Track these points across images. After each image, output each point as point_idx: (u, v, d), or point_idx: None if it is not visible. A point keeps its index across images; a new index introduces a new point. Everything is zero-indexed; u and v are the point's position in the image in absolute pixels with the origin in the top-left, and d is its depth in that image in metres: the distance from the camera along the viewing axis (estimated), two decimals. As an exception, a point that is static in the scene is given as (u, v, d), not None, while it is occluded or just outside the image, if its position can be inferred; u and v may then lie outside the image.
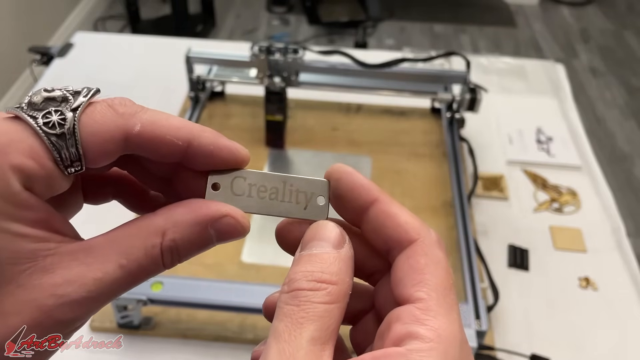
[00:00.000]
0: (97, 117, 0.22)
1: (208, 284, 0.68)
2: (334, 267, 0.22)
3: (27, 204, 0.20)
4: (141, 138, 0.22)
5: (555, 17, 3.06)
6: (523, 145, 1.00)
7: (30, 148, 0.20)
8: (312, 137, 1.00)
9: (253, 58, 0.90)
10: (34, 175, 0.20)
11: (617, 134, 2.26)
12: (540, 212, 0.89)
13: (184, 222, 0.23)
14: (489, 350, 0.68)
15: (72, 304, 0.21)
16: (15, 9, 2.15)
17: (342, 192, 0.24)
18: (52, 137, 0.21)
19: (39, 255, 0.20)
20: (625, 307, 0.76)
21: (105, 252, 0.22)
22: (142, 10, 2.76)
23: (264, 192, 0.25)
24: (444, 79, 0.97)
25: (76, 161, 0.21)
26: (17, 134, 0.20)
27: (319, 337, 0.20)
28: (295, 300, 0.21)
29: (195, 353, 0.68)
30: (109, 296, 0.22)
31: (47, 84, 1.10)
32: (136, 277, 0.22)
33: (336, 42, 2.72)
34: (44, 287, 0.20)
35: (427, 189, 0.90)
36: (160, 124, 0.22)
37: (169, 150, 0.23)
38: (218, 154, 0.24)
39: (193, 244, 0.23)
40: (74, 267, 0.21)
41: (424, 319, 0.20)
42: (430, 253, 0.23)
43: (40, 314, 0.20)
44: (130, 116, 0.22)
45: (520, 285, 0.78)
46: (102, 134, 0.21)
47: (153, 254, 0.22)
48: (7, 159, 0.20)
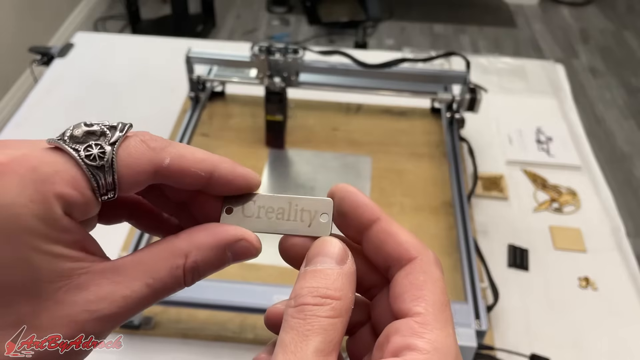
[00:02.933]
0: (132, 151, 0.24)
1: (208, 284, 0.68)
2: (338, 282, 0.23)
3: (67, 228, 0.22)
4: (169, 171, 0.24)
5: (555, 17, 3.06)
6: (523, 145, 1.00)
7: (72, 178, 0.22)
8: (312, 137, 1.00)
9: (253, 58, 0.90)
10: (74, 203, 0.22)
11: (616, 134, 2.26)
12: (540, 212, 0.89)
13: (205, 245, 0.25)
14: (488, 350, 0.68)
15: (102, 319, 0.22)
16: (15, 9, 2.15)
17: (345, 210, 0.26)
18: (92, 169, 0.23)
19: (74, 274, 0.22)
20: (625, 307, 0.77)
21: (132, 272, 0.23)
22: (142, 10, 2.76)
23: (271, 213, 0.27)
24: (444, 79, 0.97)
25: (111, 190, 0.23)
26: (61, 165, 0.22)
27: (323, 349, 0.21)
28: (302, 314, 0.22)
29: (195, 353, 0.68)
30: (134, 312, 0.23)
31: (47, 84, 1.10)
32: (160, 295, 0.24)
33: (336, 42, 2.72)
34: (78, 303, 0.22)
35: (427, 189, 0.91)
36: (187, 158, 0.25)
37: (193, 180, 0.25)
38: (235, 182, 0.26)
39: (212, 265, 0.25)
40: (105, 285, 0.23)
41: (421, 332, 0.22)
42: (428, 271, 0.24)
43: (73, 328, 0.22)
44: (161, 150, 0.24)
45: (520, 285, 0.78)
46: (135, 166, 0.23)
47: (177, 274, 0.24)
48: (53, 187, 0.21)
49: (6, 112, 2.10)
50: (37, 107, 1.05)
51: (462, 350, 0.59)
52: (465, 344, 0.62)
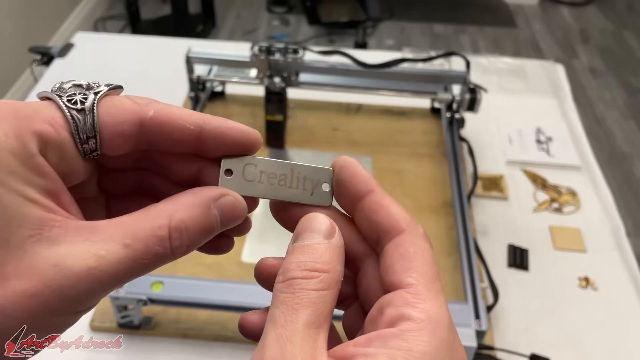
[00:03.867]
0: (116, 101, 0.24)
1: (208, 284, 0.68)
2: (326, 256, 0.23)
3: (41, 171, 0.21)
4: (154, 122, 0.24)
5: (555, 17, 3.06)
6: (523, 145, 1.00)
7: (51, 117, 0.22)
8: (312, 137, 1.00)
9: (253, 58, 0.90)
10: (49, 141, 0.22)
11: (616, 134, 2.26)
12: (540, 212, 0.89)
13: (190, 203, 0.24)
14: (488, 350, 0.68)
15: (71, 277, 0.20)
16: (15, 9, 2.15)
17: (343, 179, 0.26)
18: (72, 111, 0.22)
19: (45, 225, 0.21)
20: (625, 307, 0.77)
21: (110, 232, 0.22)
22: (142, 10, 2.76)
23: (273, 179, 0.26)
24: (443, 79, 0.97)
25: (91, 138, 0.23)
26: (42, 106, 0.22)
27: (313, 322, 0.21)
28: (290, 288, 0.22)
29: (195, 353, 0.68)
30: (112, 277, 0.21)
31: (47, 84, 1.10)
32: (141, 259, 0.22)
33: (336, 42, 2.72)
34: (47, 256, 0.20)
35: (427, 189, 0.91)
36: (173, 111, 0.24)
37: (182, 134, 0.24)
38: (229, 133, 0.25)
39: (200, 225, 0.24)
40: (78, 242, 0.21)
41: (414, 303, 0.22)
42: (418, 243, 0.24)
43: (40, 282, 0.20)
44: (145, 105, 0.24)
45: (520, 285, 0.78)
46: (118, 115, 0.23)
47: (160, 234, 0.22)
48: (29, 124, 0.21)
49: (6, 112, 2.10)
50: (37, 107, 1.05)
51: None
52: (465, 344, 0.62)
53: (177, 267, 0.74)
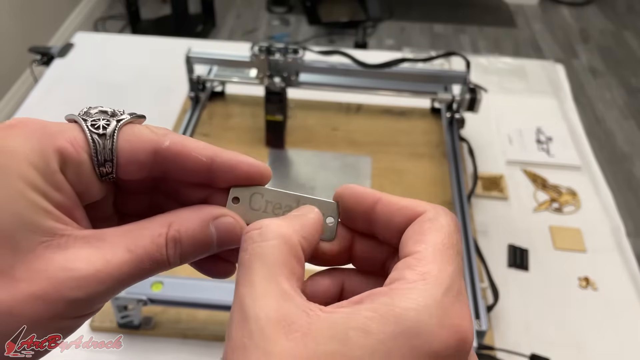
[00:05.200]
0: (135, 130, 0.25)
1: (208, 284, 0.68)
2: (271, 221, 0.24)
3: (59, 186, 0.23)
4: (169, 152, 0.25)
5: (555, 17, 3.06)
6: (523, 145, 1.00)
7: (73, 138, 0.24)
8: (312, 137, 1.00)
9: (253, 58, 0.90)
10: (69, 159, 0.23)
11: (616, 134, 2.26)
12: (540, 212, 0.89)
13: (189, 217, 0.25)
14: (488, 350, 0.68)
15: (79, 280, 0.22)
16: (15, 9, 2.15)
17: (349, 206, 0.26)
18: (94, 135, 0.24)
19: (56, 233, 0.22)
20: (625, 307, 0.77)
21: (115, 239, 0.23)
22: (142, 10, 2.76)
23: (278, 209, 0.27)
24: (443, 79, 0.97)
25: (109, 161, 0.24)
26: (67, 127, 0.24)
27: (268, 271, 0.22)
28: (243, 245, 0.23)
29: (195, 353, 0.68)
30: (116, 281, 0.23)
31: (47, 84, 1.10)
32: (143, 265, 0.24)
33: (336, 42, 2.72)
34: (57, 260, 0.22)
35: (427, 189, 0.91)
36: (187, 143, 0.25)
37: (195, 165, 0.25)
38: (239, 166, 0.26)
39: (195, 239, 0.25)
40: (86, 248, 0.23)
41: (414, 265, 0.22)
42: (434, 219, 0.24)
43: (48, 284, 0.21)
44: (162, 135, 0.25)
45: (520, 285, 0.78)
46: (135, 143, 0.25)
47: (159, 241, 0.24)
48: (53, 142, 0.23)
49: (6, 112, 2.10)
50: (37, 107, 1.05)
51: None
52: (465, 344, 0.62)
53: (177, 268, 0.74)
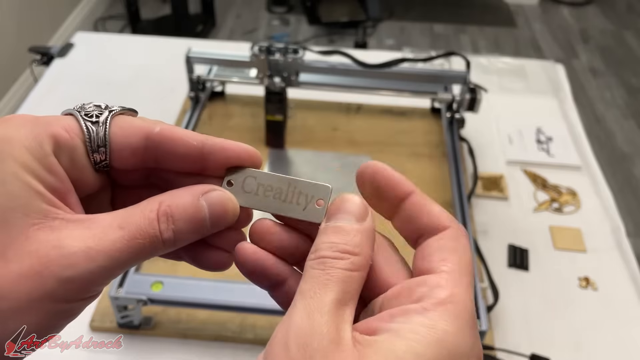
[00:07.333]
0: (127, 119, 0.26)
1: (208, 284, 0.68)
2: (357, 239, 0.24)
3: (53, 169, 0.23)
4: (160, 136, 0.25)
5: (555, 17, 3.06)
6: (523, 145, 1.00)
7: (67, 124, 0.25)
8: (312, 137, 1.00)
9: (253, 58, 0.90)
10: (63, 144, 0.24)
11: (617, 134, 2.26)
12: (540, 212, 0.89)
13: (180, 193, 0.25)
14: (488, 350, 0.68)
15: (70, 257, 0.22)
16: (15, 9, 2.15)
17: (380, 185, 0.26)
18: (87, 122, 0.25)
19: (48, 216, 0.22)
20: (625, 307, 0.77)
21: (108, 220, 0.24)
22: (142, 10, 2.76)
23: (269, 192, 0.27)
24: (444, 79, 0.97)
25: (102, 147, 0.25)
26: (62, 117, 0.25)
27: (341, 298, 0.22)
28: (322, 266, 0.23)
29: (195, 353, 0.68)
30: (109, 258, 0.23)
31: (47, 84, 1.10)
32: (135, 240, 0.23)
33: (336, 42, 2.72)
34: (48, 241, 0.22)
35: (427, 189, 0.90)
36: (177, 129, 0.26)
37: (186, 149, 0.26)
38: (229, 146, 0.27)
39: (187, 212, 0.25)
40: (78, 229, 0.23)
41: (444, 286, 0.23)
42: (459, 240, 0.25)
43: (39, 263, 0.21)
44: (153, 122, 0.26)
45: (520, 285, 0.78)
46: (127, 129, 0.25)
47: (150, 216, 0.24)
48: (48, 128, 0.24)
49: (6, 112, 2.10)
50: (37, 107, 1.05)
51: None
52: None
53: (177, 267, 0.74)
